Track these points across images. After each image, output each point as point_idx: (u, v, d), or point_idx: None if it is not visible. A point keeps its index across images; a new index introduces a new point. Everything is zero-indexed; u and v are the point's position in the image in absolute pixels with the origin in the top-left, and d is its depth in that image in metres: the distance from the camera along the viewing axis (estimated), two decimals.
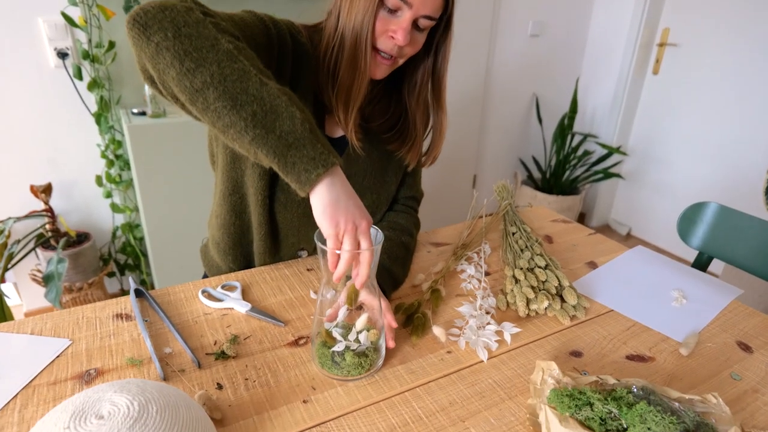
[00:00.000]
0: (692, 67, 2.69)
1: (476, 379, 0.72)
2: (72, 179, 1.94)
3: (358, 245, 0.66)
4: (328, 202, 0.64)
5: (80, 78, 1.80)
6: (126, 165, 1.94)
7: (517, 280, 0.91)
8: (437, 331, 0.78)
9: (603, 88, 3.06)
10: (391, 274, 0.89)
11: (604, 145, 2.96)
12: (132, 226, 2.00)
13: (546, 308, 0.86)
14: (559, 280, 0.90)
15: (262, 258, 0.97)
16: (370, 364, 0.70)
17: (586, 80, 3.14)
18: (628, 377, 0.73)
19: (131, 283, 0.86)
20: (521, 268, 0.93)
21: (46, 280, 1.57)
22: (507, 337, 0.79)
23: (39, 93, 1.81)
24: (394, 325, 0.76)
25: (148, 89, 1.73)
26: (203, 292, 0.87)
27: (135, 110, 1.79)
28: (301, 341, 0.77)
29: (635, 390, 0.64)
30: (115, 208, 1.97)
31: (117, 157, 1.91)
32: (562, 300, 0.88)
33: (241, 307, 0.83)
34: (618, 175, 2.97)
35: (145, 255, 2.06)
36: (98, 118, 1.82)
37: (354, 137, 0.87)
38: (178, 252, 1.88)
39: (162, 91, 0.66)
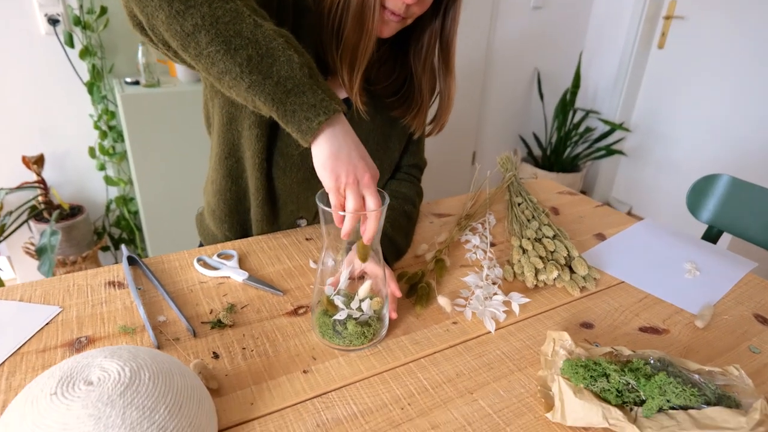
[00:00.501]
0: (699, 41, 2.63)
1: (483, 351, 0.69)
2: (64, 151, 1.89)
3: (363, 199, 0.62)
4: (329, 153, 0.60)
5: (72, 46, 1.74)
6: (119, 136, 1.89)
7: (524, 251, 0.87)
8: (442, 301, 0.75)
9: (606, 63, 3.00)
10: (393, 244, 0.86)
11: (606, 121, 2.91)
12: (126, 200, 1.96)
13: (555, 279, 0.83)
14: (568, 251, 0.87)
15: (260, 226, 0.94)
16: (373, 334, 0.67)
17: (588, 55, 3.07)
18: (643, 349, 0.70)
19: (124, 250, 0.82)
20: (528, 238, 0.90)
21: (39, 252, 1.54)
22: (515, 307, 0.76)
23: (29, 61, 1.75)
24: (398, 294, 0.73)
25: (141, 57, 1.67)
26: (198, 260, 0.84)
27: (128, 79, 1.73)
28: (301, 311, 0.74)
29: (652, 362, 0.62)
30: (108, 180, 1.93)
31: (110, 128, 1.86)
32: (571, 271, 0.85)
33: (238, 276, 0.80)
34: (620, 152, 2.93)
35: (140, 229, 2.02)
36: (90, 87, 1.76)
37: (359, 100, 0.82)
38: (174, 227, 1.85)
39: (153, 39, 0.61)
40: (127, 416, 0.44)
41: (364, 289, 0.65)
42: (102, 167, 1.92)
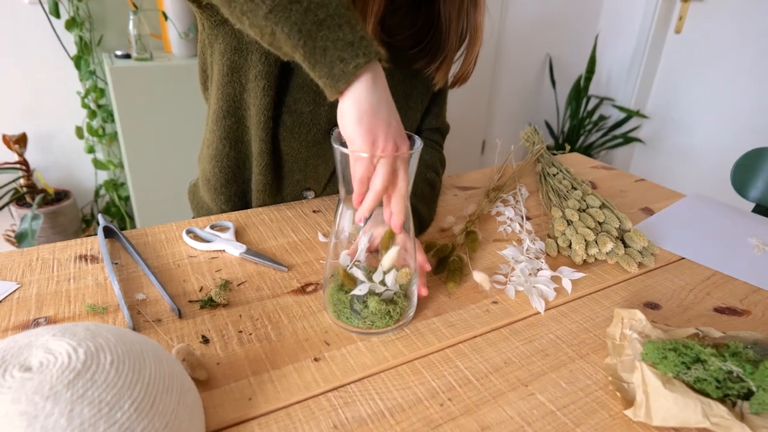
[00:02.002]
0: (718, 25, 2.50)
1: (533, 334, 0.56)
2: (50, 131, 1.76)
3: (394, 176, 0.50)
4: (367, 107, 0.48)
5: (57, 16, 1.61)
6: (109, 116, 1.76)
7: (569, 222, 0.75)
8: (479, 277, 0.62)
9: (620, 49, 2.87)
10: (416, 214, 0.73)
11: (622, 108, 2.78)
12: (117, 185, 1.83)
13: (608, 253, 0.70)
14: (620, 221, 0.74)
15: (261, 197, 0.81)
16: (400, 314, 0.55)
17: (602, 40, 2.95)
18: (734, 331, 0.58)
19: (100, 219, 0.70)
20: (572, 209, 0.77)
21: (19, 239, 1.41)
22: (566, 284, 0.64)
23: (11, 32, 1.62)
24: (428, 267, 0.60)
25: (132, 29, 1.55)
26: (188, 232, 0.71)
27: (119, 52, 1.60)
28: (309, 288, 0.62)
29: (750, 346, 0.49)
30: (97, 164, 1.80)
31: (99, 107, 1.73)
32: (625, 245, 0.73)
33: (235, 249, 0.67)
34: (639, 140, 2.81)
35: (131, 217, 1.89)
36: (77, 61, 1.63)
37: None
38: (168, 214, 1.72)
39: None
40: (76, 414, 0.32)
41: (389, 258, 0.53)
42: (91, 149, 1.79)
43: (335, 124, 0.76)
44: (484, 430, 0.44)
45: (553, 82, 2.88)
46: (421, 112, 0.85)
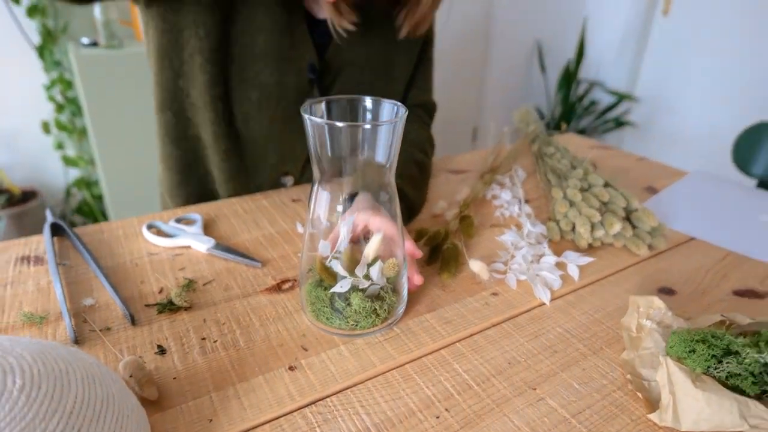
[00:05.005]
0: (705, 6, 2.44)
1: (539, 329, 0.50)
2: (14, 126, 1.65)
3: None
4: None
5: (17, 1, 1.51)
6: (79, 110, 1.67)
7: (571, 203, 0.68)
8: (476, 266, 0.56)
9: (608, 32, 2.81)
10: (404, 198, 0.66)
11: (613, 92, 2.72)
12: (89, 183, 1.74)
13: (615, 235, 0.64)
14: (627, 200, 0.68)
15: (232, 187, 0.74)
16: (388, 311, 0.48)
17: (590, 23, 2.88)
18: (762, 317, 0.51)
19: (48, 215, 0.62)
20: (574, 188, 0.70)
21: None
22: (573, 270, 0.57)
23: None
24: (419, 254, 0.53)
25: (99, 14, 1.45)
26: (149, 227, 0.64)
27: (85, 40, 1.50)
28: (286, 285, 0.55)
29: None
30: (67, 160, 1.70)
31: (68, 100, 1.64)
32: (633, 226, 0.67)
33: (202, 244, 0.60)
34: (630, 123, 2.75)
35: (106, 217, 1.80)
36: (41, 51, 1.53)
37: (336, 11, 0.63)
38: (144, 213, 1.64)
39: None
40: None
41: (372, 247, 0.46)
42: (59, 146, 1.69)
43: (305, 95, 0.69)
44: None
45: (543, 68, 2.82)
46: (404, 83, 0.78)
